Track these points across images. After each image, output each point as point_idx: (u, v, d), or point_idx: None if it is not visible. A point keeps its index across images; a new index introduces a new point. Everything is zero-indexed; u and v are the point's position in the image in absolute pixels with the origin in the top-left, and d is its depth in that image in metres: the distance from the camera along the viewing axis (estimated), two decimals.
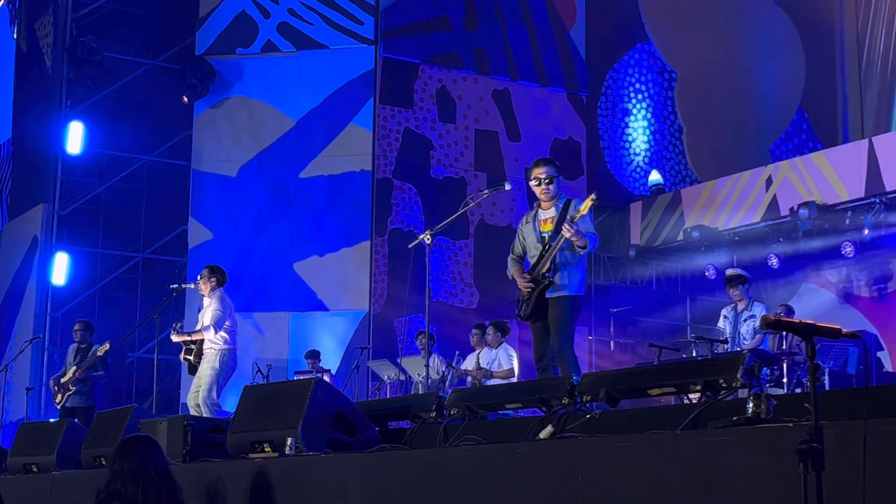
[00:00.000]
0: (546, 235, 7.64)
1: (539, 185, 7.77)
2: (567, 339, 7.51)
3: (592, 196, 7.49)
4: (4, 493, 7.37)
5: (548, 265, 7.56)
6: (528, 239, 7.81)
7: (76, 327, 13.10)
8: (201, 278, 10.74)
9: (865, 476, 3.10)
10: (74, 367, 12.50)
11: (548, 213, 7.75)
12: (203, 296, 10.75)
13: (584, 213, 7.46)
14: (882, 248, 15.79)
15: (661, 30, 20.23)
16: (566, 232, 7.40)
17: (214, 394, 10.30)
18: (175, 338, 10.69)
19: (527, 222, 7.89)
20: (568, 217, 7.50)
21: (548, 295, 7.57)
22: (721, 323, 11.16)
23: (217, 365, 10.34)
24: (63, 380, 12.56)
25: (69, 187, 17.02)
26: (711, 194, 17.39)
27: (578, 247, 7.48)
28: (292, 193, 16.91)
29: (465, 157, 17.43)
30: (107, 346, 12.43)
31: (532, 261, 7.74)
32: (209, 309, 10.55)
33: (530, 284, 7.62)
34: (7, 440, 12.52)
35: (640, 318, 18.43)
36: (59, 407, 12.69)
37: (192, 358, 10.54)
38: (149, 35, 17.78)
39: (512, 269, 7.87)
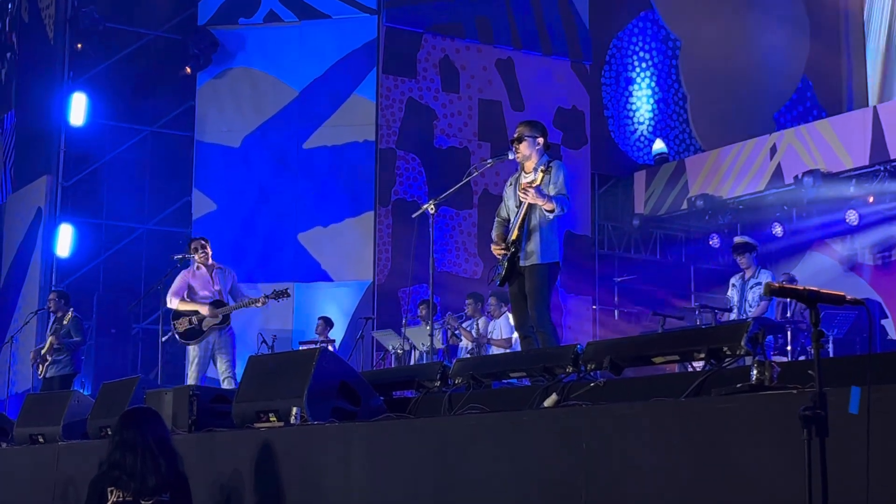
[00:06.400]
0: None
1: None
2: (543, 310, 7.38)
3: (542, 168, 7.37)
4: (6, 465, 7.41)
5: (516, 232, 7.48)
6: (509, 203, 7.71)
7: (50, 297, 13.16)
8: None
9: (869, 442, 3.11)
10: (51, 337, 12.54)
11: (528, 177, 7.57)
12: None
13: (539, 182, 7.32)
14: (886, 216, 15.77)
15: None
16: (524, 197, 7.36)
17: None
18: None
19: (510, 185, 7.77)
20: (528, 181, 7.41)
21: (521, 263, 7.46)
22: (730, 292, 11.19)
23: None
24: (42, 351, 12.61)
25: (73, 159, 16.99)
26: (715, 163, 17.36)
27: (546, 211, 7.35)
28: (296, 164, 16.88)
29: (468, 127, 17.37)
30: (70, 314, 12.63)
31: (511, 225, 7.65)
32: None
33: (503, 251, 7.55)
34: (13, 411, 12.58)
35: (644, 287, 18.43)
36: (40, 378, 12.74)
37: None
38: (151, 5, 17.67)
39: (494, 233, 7.79)
